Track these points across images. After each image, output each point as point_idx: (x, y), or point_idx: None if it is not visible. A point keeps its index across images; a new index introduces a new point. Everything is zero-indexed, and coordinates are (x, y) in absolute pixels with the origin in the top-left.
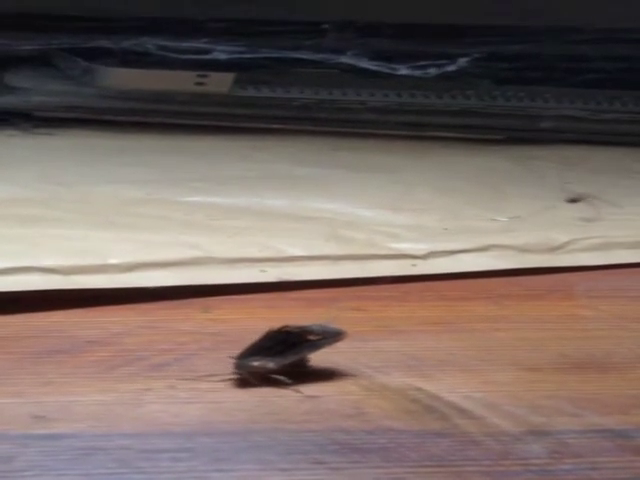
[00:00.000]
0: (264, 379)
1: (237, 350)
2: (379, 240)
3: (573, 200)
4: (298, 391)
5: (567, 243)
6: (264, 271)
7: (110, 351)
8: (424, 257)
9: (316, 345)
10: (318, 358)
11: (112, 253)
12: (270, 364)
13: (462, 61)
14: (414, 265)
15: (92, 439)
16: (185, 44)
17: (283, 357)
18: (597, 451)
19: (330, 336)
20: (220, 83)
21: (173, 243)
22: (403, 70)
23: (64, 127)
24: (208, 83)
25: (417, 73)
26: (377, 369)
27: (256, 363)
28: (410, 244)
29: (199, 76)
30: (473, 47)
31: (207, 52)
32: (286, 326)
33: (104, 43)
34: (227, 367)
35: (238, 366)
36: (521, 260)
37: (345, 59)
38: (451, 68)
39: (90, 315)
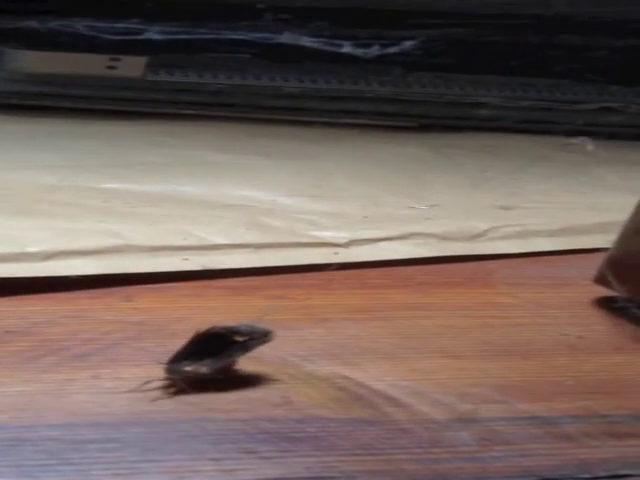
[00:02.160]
0: (196, 383)
1: (161, 339)
2: (300, 228)
3: None
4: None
5: (486, 231)
6: (187, 259)
7: (31, 341)
8: (346, 245)
9: (246, 346)
10: None
11: (29, 241)
12: (202, 368)
13: (407, 43)
14: (336, 253)
15: (17, 430)
16: (117, 25)
17: (214, 360)
18: (526, 438)
19: (258, 336)
20: (132, 67)
21: (92, 231)
22: (346, 48)
23: None
24: (120, 67)
25: (359, 52)
26: (303, 357)
27: (188, 368)
28: (331, 232)
29: (110, 59)
30: (403, 31)
31: (140, 33)
32: (213, 327)
33: (30, 24)
34: (151, 355)
35: (169, 372)
36: (441, 248)
37: (284, 39)
38: (393, 49)
39: (9, 304)
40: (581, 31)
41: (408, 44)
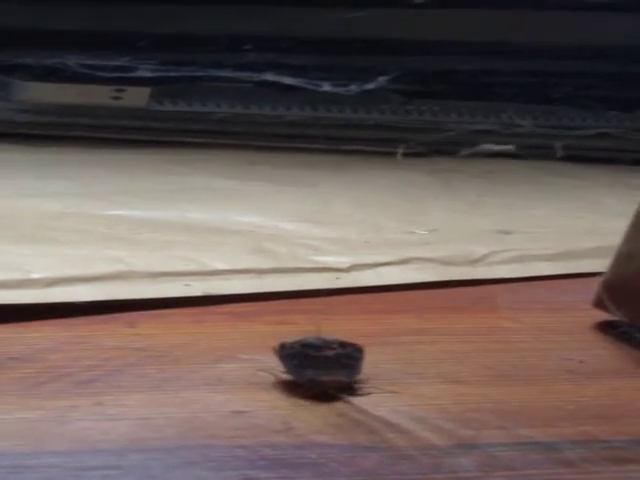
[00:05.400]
0: (319, 395)
1: (163, 366)
2: (302, 253)
3: None
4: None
5: (486, 255)
6: (188, 285)
7: (35, 367)
8: (347, 270)
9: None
10: (244, 373)
11: (34, 268)
12: (342, 378)
13: (382, 79)
14: (338, 278)
15: (19, 458)
16: (109, 62)
17: (352, 370)
18: (527, 464)
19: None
20: (137, 97)
21: (96, 257)
22: (326, 87)
23: None
24: (125, 97)
25: (339, 90)
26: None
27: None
28: (333, 257)
29: (116, 90)
30: (392, 62)
31: (131, 70)
32: (304, 340)
33: (24, 59)
34: (153, 382)
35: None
36: (442, 273)
37: (268, 76)
38: (371, 86)
39: (13, 331)
40: (577, 58)
41: (383, 79)
